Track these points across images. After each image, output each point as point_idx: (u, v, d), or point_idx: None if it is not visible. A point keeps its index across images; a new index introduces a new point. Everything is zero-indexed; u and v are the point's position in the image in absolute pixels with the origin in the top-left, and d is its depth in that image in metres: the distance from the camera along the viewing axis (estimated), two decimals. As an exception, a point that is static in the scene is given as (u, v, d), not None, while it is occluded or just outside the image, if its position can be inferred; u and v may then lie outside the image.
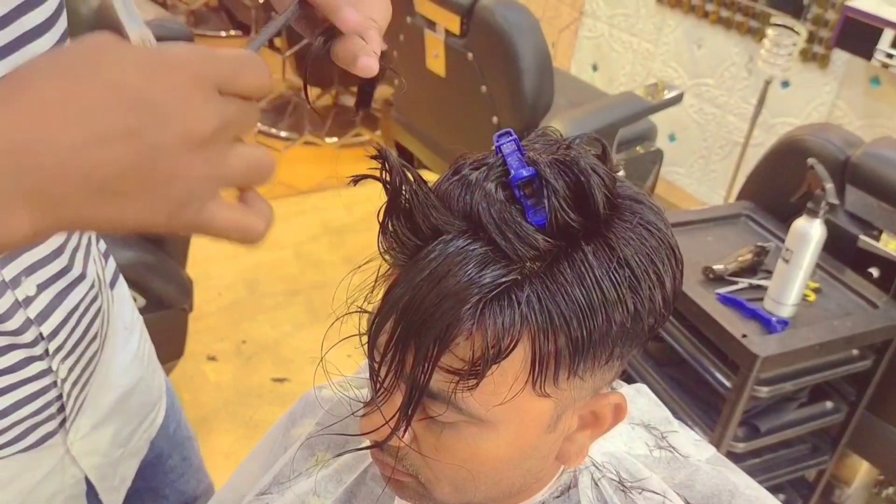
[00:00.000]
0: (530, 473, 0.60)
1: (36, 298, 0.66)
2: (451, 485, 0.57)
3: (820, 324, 1.53)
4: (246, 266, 2.67)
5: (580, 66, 3.49)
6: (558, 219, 0.50)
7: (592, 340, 0.51)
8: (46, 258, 0.67)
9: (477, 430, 0.53)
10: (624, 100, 2.24)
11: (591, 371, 0.53)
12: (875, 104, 2.55)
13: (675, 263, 0.55)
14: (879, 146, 1.65)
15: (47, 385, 0.70)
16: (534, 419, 0.54)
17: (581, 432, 0.59)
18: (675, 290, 0.55)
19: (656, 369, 1.71)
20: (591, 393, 0.56)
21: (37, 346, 0.68)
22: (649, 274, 0.52)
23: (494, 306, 0.49)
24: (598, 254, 0.50)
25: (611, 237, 0.51)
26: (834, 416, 1.68)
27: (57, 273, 0.68)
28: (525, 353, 0.50)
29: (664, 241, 0.54)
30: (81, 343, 0.73)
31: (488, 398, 0.51)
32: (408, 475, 0.58)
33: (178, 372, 1.94)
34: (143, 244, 1.58)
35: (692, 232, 1.72)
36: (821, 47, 2.61)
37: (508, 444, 0.55)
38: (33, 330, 0.67)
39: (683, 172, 3.19)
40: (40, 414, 0.71)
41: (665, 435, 0.72)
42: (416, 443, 0.56)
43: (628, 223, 0.52)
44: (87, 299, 0.73)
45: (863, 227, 1.64)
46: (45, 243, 0.66)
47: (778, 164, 1.79)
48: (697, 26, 2.98)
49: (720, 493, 0.67)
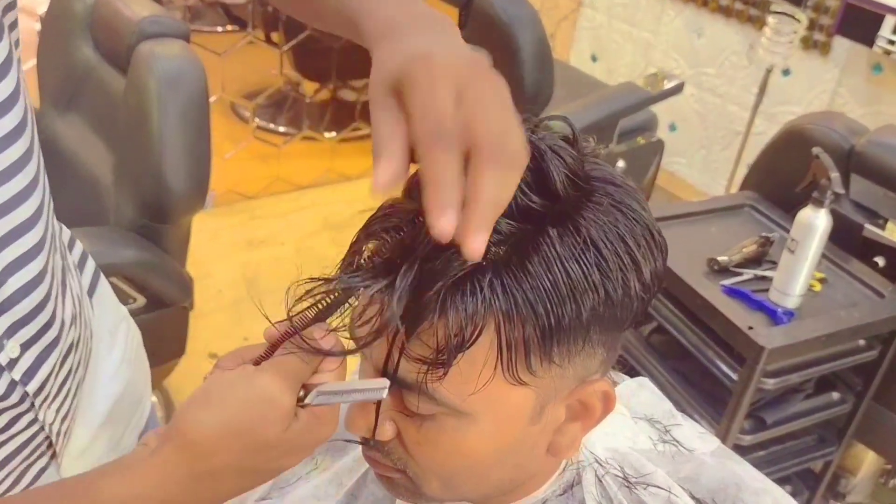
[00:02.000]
0: (520, 468, 0.59)
1: (20, 359, 0.63)
2: (439, 479, 0.57)
3: (826, 314, 1.52)
4: (246, 263, 2.66)
5: (579, 57, 3.48)
6: (519, 202, 0.48)
7: (562, 326, 0.49)
8: (30, 314, 0.64)
9: (456, 422, 0.53)
10: (624, 90, 2.23)
11: (568, 357, 0.52)
12: (877, 91, 2.53)
13: (654, 245, 0.53)
14: (884, 134, 1.64)
15: (35, 432, 0.68)
16: (514, 410, 0.53)
17: (571, 424, 0.58)
18: (657, 272, 0.53)
19: (661, 362, 1.70)
20: (574, 381, 0.55)
21: (23, 404, 0.65)
22: (620, 256, 0.50)
23: (457, 293, 0.47)
24: (563, 237, 0.49)
25: (579, 220, 0.50)
26: (840, 407, 1.66)
27: (41, 328, 0.65)
28: (491, 341, 0.49)
29: (639, 221, 0.52)
30: (66, 383, 0.71)
31: (460, 387, 0.50)
32: (396, 471, 0.57)
33: (179, 371, 1.93)
34: (143, 243, 1.57)
35: (695, 223, 1.71)
36: (822, 35, 2.59)
37: (490, 437, 0.54)
38: (19, 390, 0.64)
39: (685, 162, 3.18)
40: (31, 458, 0.69)
41: (669, 428, 0.71)
42: (400, 437, 0.55)
43: (598, 205, 0.51)
44: (70, 340, 0.70)
45: (868, 216, 1.63)
46: (30, 297, 0.63)
47: (781, 154, 1.77)
48: (697, 15, 2.96)
49: (726, 486, 0.66)
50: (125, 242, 1.54)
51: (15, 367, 0.63)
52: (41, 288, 0.64)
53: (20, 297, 0.62)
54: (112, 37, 1.64)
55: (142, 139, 1.52)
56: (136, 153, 1.55)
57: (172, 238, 1.66)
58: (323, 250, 2.73)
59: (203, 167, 1.60)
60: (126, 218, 1.59)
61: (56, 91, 1.80)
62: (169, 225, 1.61)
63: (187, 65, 1.54)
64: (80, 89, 1.76)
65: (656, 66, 3.14)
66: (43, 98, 1.83)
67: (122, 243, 1.54)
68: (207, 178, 1.62)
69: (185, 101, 1.52)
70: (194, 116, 1.54)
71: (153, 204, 1.56)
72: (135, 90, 1.54)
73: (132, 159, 1.58)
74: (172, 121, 1.51)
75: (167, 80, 1.50)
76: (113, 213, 1.64)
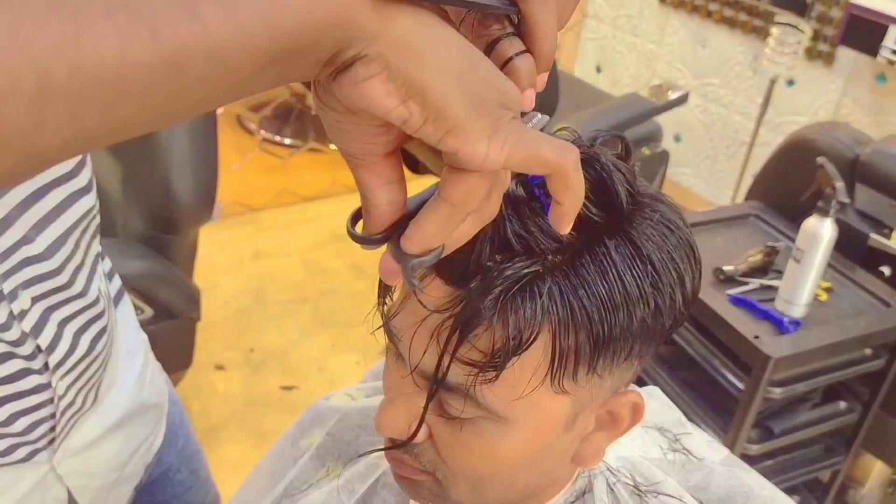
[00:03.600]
0: (546, 474, 0.59)
1: (29, 311, 0.66)
2: (468, 483, 0.57)
3: (832, 324, 1.52)
4: (252, 274, 2.66)
5: (584, 69, 3.49)
6: (580, 213, 0.49)
7: (613, 336, 0.50)
8: (46, 274, 0.66)
9: (494, 427, 0.53)
10: (629, 101, 2.23)
11: (610, 369, 0.53)
12: (881, 101, 2.53)
13: (695, 262, 0.55)
14: (889, 144, 1.64)
15: (44, 400, 0.70)
16: (551, 417, 0.54)
17: (598, 433, 0.58)
18: (695, 289, 0.55)
19: (668, 373, 1.70)
20: (609, 392, 0.55)
21: (35, 360, 0.67)
22: (670, 271, 0.52)
23: (516, 298, 0.48)
24: (620, 249, 0.50)
25: (633, 233, 0.51)
26: (847, 417, 1.66)
27: (54, 289, 0.68)
28: (545, 347, 0.50)
29: (684, 239, 0.54)
30: (84, 361, 0.72)
31: (507, 392, 0.51)
32: (425, 473, 0.57)
33: (186, 382, 1.94)
34: (151, 255, 1.58)
35: (701, 233, 1.71)
36: (826, 45, 2.60)
37: (525, 442, 0.54)
38: (30, 342, 0.66)
39: (690, 173, 3.18)
40: (32, 432, 0.70)
41: (678, 437, 0.71)
42: (433, 439, 0.55)
43: (649, 220, 0.52)
44: (87, 316, 0.72)
45: (874, 225, 1.63)
46: (50, 260, 0.66)
47: (786, 164, 1.78)
48: (701, 26, 2.97)
49: (735, 495, 0.66)
50: (133, 254, 1.55)
51: (24, 319, 0.65)
52: (64, 249, 0.67)
53: (48, 255, 0.65)
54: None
55: (149, 151, 1.53)
56: (144, 165, 1.56)
57: (179, 249, 1.66)
58: (329, 262, 2.73)
59: (210, 179, 1.61)
60: (134, 229, 1.60)
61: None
62: (176, 236, 1.62)
63: (195, 77, 1.55)
64: (88, 102, 1.77)
65: (661, 77, 3.15)
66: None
67: (129, 255, 1.55)
68: (214, 190, 1.63)
69: (193, 114, 1.53)
70: (201, 128, 1.56)
71: (161, 215, 1.57)
72: (143, 103, 1.55)
73: (140, 171, 1.59)
74: (180, 133, 1.52)
75: (175, 92, 1.51)
76: (121, 224, 1.64)
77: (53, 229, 0.66)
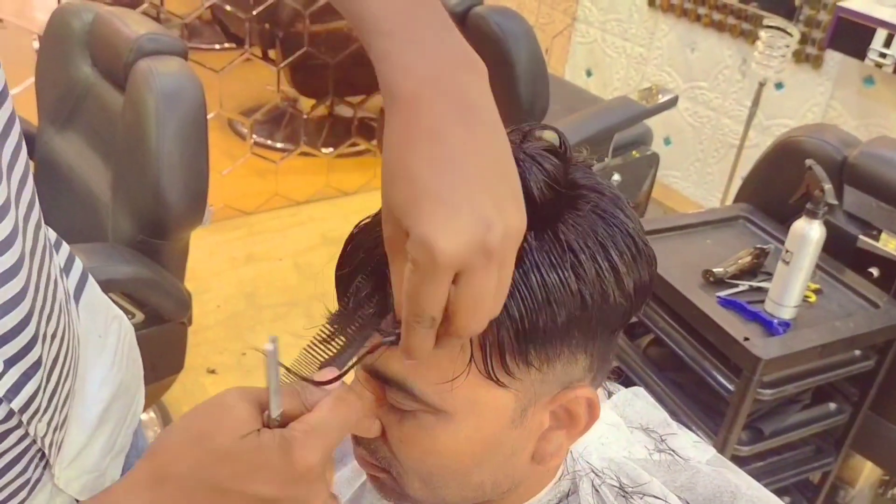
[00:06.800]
0: (501, 472, 0.59)
1: (5, 375, 0.61)
2: (420, 479, 0.57)
3: (821, 325, 1.52)
4: (244, 278, 2.66)
5: (574, 72, 3.50)
6: None
7: (538, 330, 0.50)
8: (13, 330, 0.61)
9: (435, 420, 0.54)
10: (619, 104, 2.24)
11: (548, 361, 0.53)
12: (869, 104, 2.55)
13: (639, 254, 0.54)
14: (877, 146, 1.65)
15: (27, 446, 0.67)
16: (493, 412, 0.54)
17: (556, 431, 0.58)
18: (641, 281, 0.54)
19: (658, 374, 1.70)
20: (557, 386, 0.55)
21: (10, 420, 0.63)
22: (599, 261, 0.51)
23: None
24: (542, 243, 0.50)
25: (558, 226, 0.51)
26: (837, 418, 1.67)
27: (26, 345, 0.62)
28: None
29: (621, 228, 0.53)
30: (55, 395, 0.69)
31: (438, 384, 0.51)
32: (382, 470, 0.58)
33: (177, 386, 1.93)
34: (141, 259, 1.57)
35: (691, 235, 1.72)
36: (814, 48, 2.61)
37: (468, 437, 0.54)
38: (3, 406, 0.62)
39: (680, 176, 3.20)
40: (25, 473, 0.68)
41: (664, 438, 0.71)
42: (385, 435, 0.56)
43: (579, 211, 0.52)
44: (53, 355, 0.68)
45: (862, 227, 1.64)
46: (12, 314, 0.60)
47: (775, 166, 1.78)
48: (690, 30, 2.98)
49: (721, 495, 0.66)
50: (123, 258, 1.55)
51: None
52: (22, 306, 0.61)
53: (0, 316, 0.60)
54: (110, 54, 1.65)
55: (140, 156, 1.53)
56: (135, 170, 1.56)
57: (171, 254, 1.66)
58: (321, 265, 2.73)
59: (201, 183, 1.61)
60: (124, 234, 1.60)
61: (54, 108, 1.81)
62: (167, 241, 1.62)
63: (185, 82, 1.55)
64: (78, 106, 1.77)
65: (651, 80, 3.16)
66: (41, 115, 1.84)
67: (120, 259, 1.54)
68: (205, 194, 1.63)
69: (183, 118, 1.53)
70: (192, 133, 1.55)
71: (151, 220, 1.57)
72: (133, 107, 1.55)
73: (130, 176, 1.59)
74: (170, 137, 1.52)
75: (165, 97, 1.51)
76: (111, 229, 1.64)
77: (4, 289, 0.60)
